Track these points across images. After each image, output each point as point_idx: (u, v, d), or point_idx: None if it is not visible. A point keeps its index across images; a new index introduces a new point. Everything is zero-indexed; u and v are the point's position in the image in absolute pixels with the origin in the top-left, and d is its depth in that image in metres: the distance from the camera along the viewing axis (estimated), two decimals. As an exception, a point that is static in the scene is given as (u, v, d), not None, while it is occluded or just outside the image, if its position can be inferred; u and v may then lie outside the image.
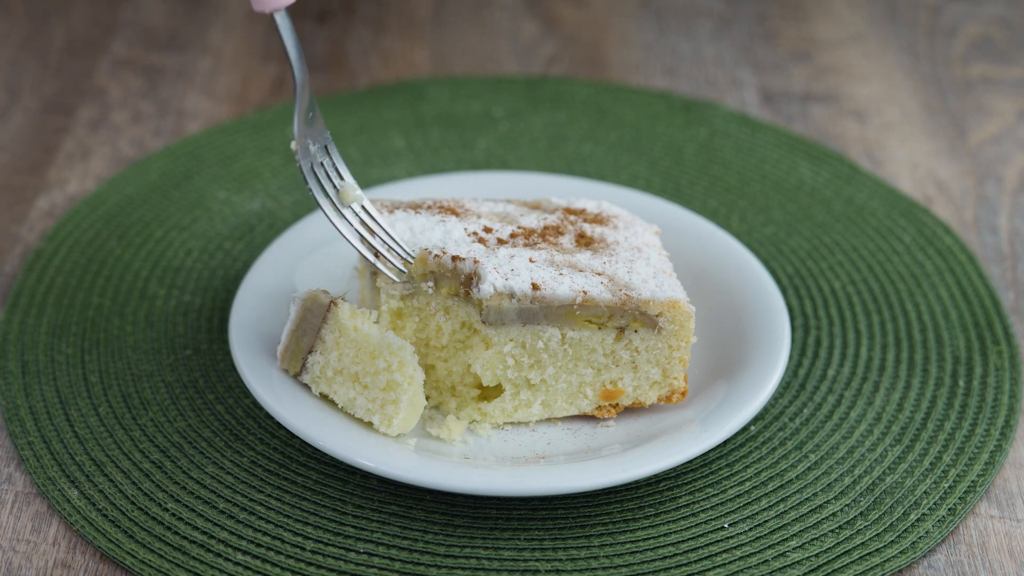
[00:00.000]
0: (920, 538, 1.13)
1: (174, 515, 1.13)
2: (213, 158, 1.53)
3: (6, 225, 1.43)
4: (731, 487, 1.16)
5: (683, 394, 1.20)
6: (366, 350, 1.14)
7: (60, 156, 1.53)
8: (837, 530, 1.13)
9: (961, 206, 1.50)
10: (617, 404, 1.20)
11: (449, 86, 1.66)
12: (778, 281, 1.37)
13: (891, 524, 1.13)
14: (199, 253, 1.39)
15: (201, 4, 1.81)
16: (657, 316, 1.16)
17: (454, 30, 1.79)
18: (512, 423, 1.20)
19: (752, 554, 1.11)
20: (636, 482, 1.16)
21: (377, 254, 1.18)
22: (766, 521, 1.14)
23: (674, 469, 1.17)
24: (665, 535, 1.13)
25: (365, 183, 1.49)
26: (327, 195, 1.16)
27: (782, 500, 1.15)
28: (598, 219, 1.26)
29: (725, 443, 1.20)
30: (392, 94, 1.64)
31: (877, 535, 1.13)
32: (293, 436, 1.19)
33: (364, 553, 1.10)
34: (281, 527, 1.12)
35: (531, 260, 1.18)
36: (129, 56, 1.71)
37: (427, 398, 1.21)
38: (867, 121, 1.63)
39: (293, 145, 1.16)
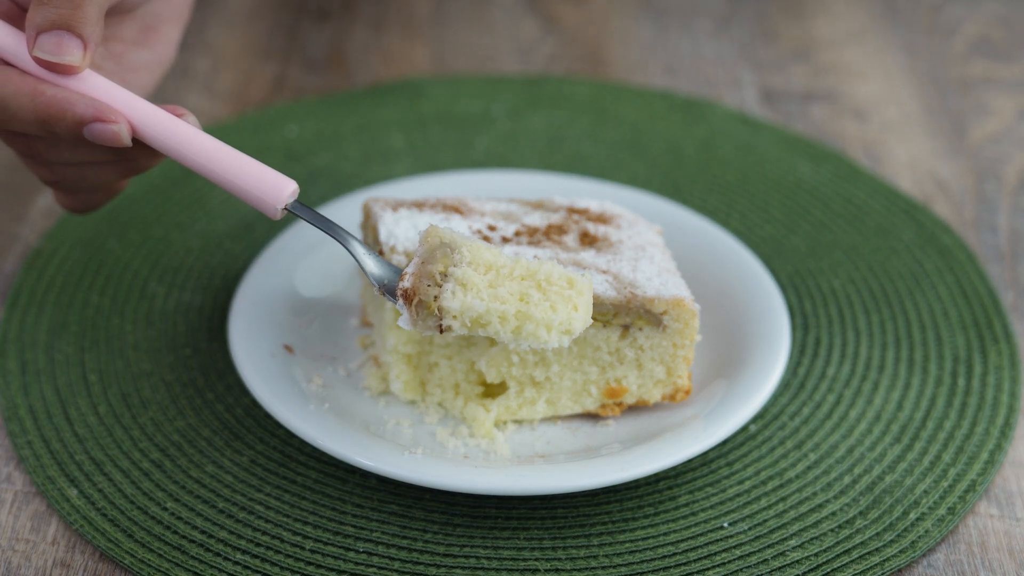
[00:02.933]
0: (920, 537, 1.13)
1: (173, 514, 1.13)
2: (213, 157, 1.52)
3: (6, 224, 1.43)
4: (731, 486, 1.16)
5: (687, 392, 1.20)
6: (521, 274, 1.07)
7: (60, 155, 1.53)
8: (837, 529, 1.13)
9: (960, 205, 1.50)
10: (621, 402, 1.20)
11: (449, 85, 1.66)
12: (778, 280, 1.37)
13: (891, 523, 1.13)
14: (199, 252, 1.39)
15: (201, 3, 1.80)
16: (662, 314, 1.16)
17: (454, 29, 1.79)
18: (514, 421, 1.20)
19: (752, 553, 1.11)
20: (635, 481, 1.16)
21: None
22: (766, 520, 1.14)
23: (673, 468, 1.17)
24: (664, 534, 1.13)
25: (365, 182, 1.49)
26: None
27: (782, 499, 1.15)
28: (601, 218, 1.26)
29: (724, 442, 1.20)
30: (392, 93, 1.64)
31: (877, 534, 1.13)
32: (292, 435, 1.19)
33: (363, 552, 1.10)
34: (280, 526, 1.12)
35: (536, 258, 1.18)
36: (129, 55, 1.71)
37: (431, 395, 1.21)
38: (867, 120, 1.63)
39: (376, 291, 1.11)
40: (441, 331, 1.05)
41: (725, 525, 1.13)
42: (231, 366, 1.25)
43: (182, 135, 1.09)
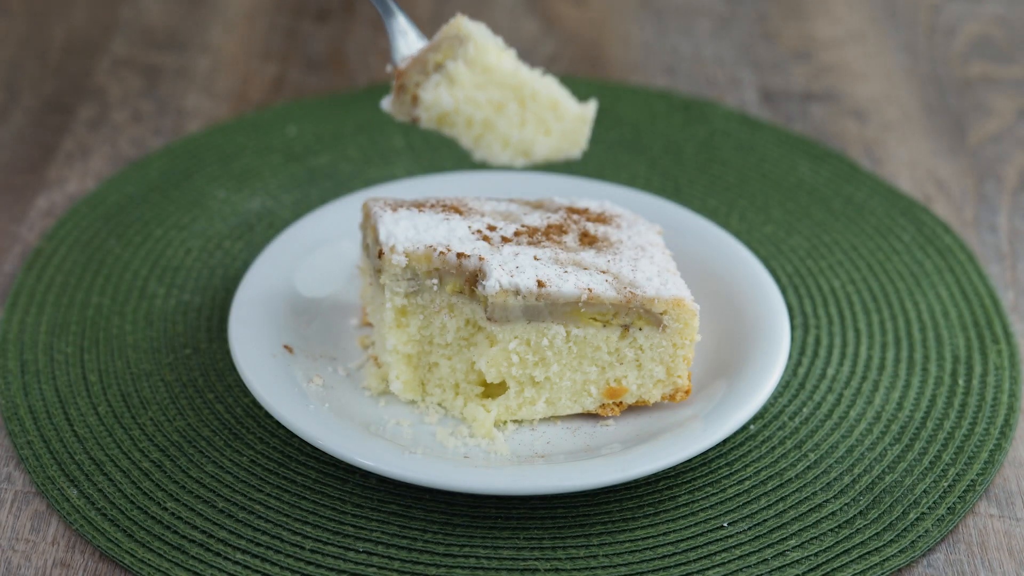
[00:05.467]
0: (919, 537, 1.13)
1: (173, 514, 1.13)
2: (213, 157, 1.53)
3: (6, 224, 1.43)
4: (730, 486, 1.16)
5: (687, 392, 1.20)
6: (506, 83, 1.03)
7: (60, 155, 1.53)
8: (836, 529, 1.13)
9: (961, 205, 1.50)
10: (621, 402, 1.20)
11: (449, 85, 1.66)
12: (778, 280, 1.37)
13: (890, 523, 1.13)
14: (199, 252, 1.39)
15: (201, 3, 1.81)
16: (662, 314, 1.16)
17: (454, 29, 1.79)
18: (514, 421, 1.20)
19: (751, 553, 1.11)
20: (635, 481, 1.16)
21: None
22: (765, 520, 1.14)
23: (673, 468, 1.17)
24: (664, 534, 1.13)
25: (364, 182, 1.49)
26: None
27: (782, 499, 1.15)
28: (601, 218, 1.26)
29: (724, 442, 1.20)
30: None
31: (876, 534, 1.13)
32: (292, 435, 1.19)
33: (363, 552, 1.10)
34: (280, 526, 1.12)
35: (536, 258, 1.18)
36: (129, 55, 1.71)
37: (431, 395, 1.21)
38: (867, 120, 1.63)
39: (388, 68, 1.05)
40: (412, 120, 1.03)
41: (725, 525, 1.13)
42: (231, 366, 1.25)
43: None
